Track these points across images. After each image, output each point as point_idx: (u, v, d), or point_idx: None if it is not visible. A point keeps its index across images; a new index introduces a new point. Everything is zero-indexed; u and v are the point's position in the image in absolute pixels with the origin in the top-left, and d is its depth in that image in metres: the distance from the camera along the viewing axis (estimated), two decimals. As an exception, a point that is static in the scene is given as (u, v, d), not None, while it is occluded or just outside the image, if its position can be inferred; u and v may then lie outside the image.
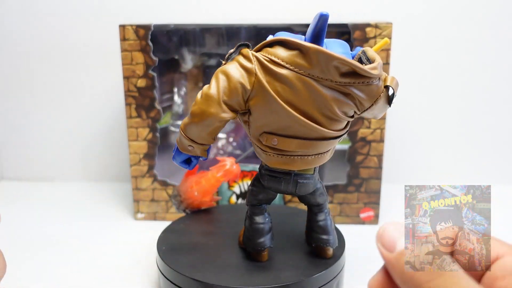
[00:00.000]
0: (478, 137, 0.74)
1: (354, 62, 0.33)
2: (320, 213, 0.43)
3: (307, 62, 0.34)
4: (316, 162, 0.39)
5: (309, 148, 0.37)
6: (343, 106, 0.35)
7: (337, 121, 0.36)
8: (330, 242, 0.43)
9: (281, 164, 0.38)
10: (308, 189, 0.41)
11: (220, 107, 0.36)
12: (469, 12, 0.69)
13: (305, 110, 0.35)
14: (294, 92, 0.34)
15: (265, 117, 0.36)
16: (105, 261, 0.53)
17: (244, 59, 0.35)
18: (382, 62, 0.35)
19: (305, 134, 0.36)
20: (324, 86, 0.34)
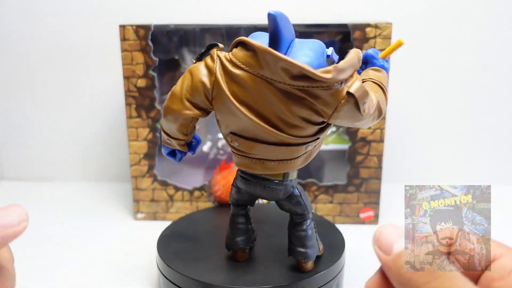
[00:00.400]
0: (478, 137, 0.74)
1: (301, 65, 0.31)
2: (300, 223, 0.41)
3: (258, 63, 0.33)
4: (279, 169, 0.37)
5: (268, 153, 0.36)
6: (300, 111, 0.33)
7: (297, 127, 0.34)
8: (305, 255, 0.41)
9: (245, 166, 0.38)
10: (276, 195, 0.39)
11: (182, 104, 0.36)
12: (469, 12, 0.69)
13: (263, 113, 0.34)
14: (250, 94, 0.34)
15: (225, 118, 0.36)
16: (105, 261, 0.53)
17: (209, 58, 0.36)
18: (346, 66, 0.32)
19: (264, 138, 0.35)
20: (278, 89, 0.33)
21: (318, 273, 0.41)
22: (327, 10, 0.69)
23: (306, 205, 0.40)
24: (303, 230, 0.41)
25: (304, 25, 0.57)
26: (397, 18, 0.65)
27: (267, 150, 0.36)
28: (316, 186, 0.61)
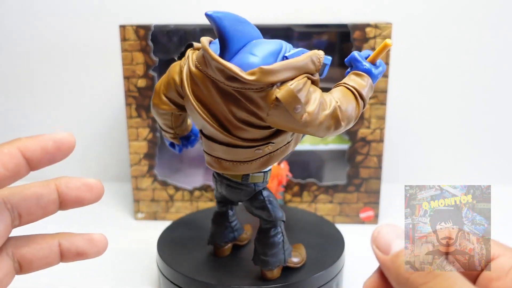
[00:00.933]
0: (478, 137, 0.74)
1: (228, 65, 0.31)
2: (266, 229, 0.40)
3: (204, 61, 0.33)
4: (234, 169, 0.37)
5: (221, 153, 0.36)
6: (238, 112, 0.33)
7: (241, 128, 0.34)
8: (265, 263, 0.40)
9: (208, 163, 0.39)
10: (237, 196, 0.39)
11: (159, 99, 0.38)
12: (469, 12, 0.69)
13: (214, 113, 0.34)
14: (203, 92, 0.34)
15: (190, 114, 0.37)
16: (105, 261, 0.53)
17: (184, 57, 0.36)
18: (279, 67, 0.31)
19: (217, 137, 0.35)
20: (220, 88, 0.33)
21: (318, 273, 0.41)
22: (327, 10, 0.69)
23: (272, 212, 0.39)
24: (268, 237, 0.39)
25: (304, 25, 0.57)
26: (397, 18, 0.65)
27: (220, 150, 0.36)
28: (316, 186, 0.61)
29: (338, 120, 0.33)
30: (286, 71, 0.31)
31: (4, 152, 0.23)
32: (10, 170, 0.24)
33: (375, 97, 0.57)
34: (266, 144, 0.35)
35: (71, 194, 0.29)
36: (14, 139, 0.25)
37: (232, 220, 0.44)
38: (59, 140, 0.25)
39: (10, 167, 0.24)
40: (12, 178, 0.24)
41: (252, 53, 0.32)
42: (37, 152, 0.24)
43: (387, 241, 0.25)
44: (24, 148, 0.24)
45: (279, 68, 0.30)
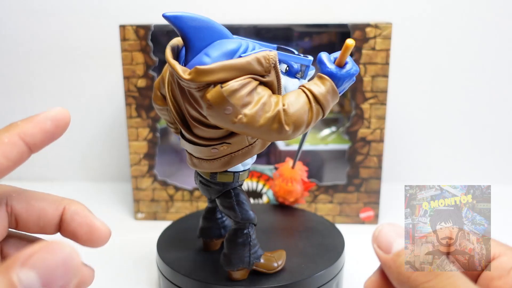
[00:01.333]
0: (478, 137, 0.74)
1: (172, 63, 0.31)
2: (235, 229, 0.40)
3: None
4: (201, 166, 0.37)
5: (188, 148, 0.37)
6: (190, 110, 0.33)
7: (196, 126, 0.34)
8: (225, 262, 0.40)
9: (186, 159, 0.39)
10: (208, 193, 0.40)
11: (155, 95, 0.40)
12: (469, 12, 0.69)
13: (181, 109, 0.35)
14: (175, 90, 0.35)
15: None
16: (105, 261, 0.53)
17: None
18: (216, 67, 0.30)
19: (183, 134, 0.37)
20: (179, 85, 0.33)
21: (318, 273, 0.41)
22: (327, 10, 0.69)
23: (239, 213, 0.38)
24: (235, 238, 0.39)
25: (304, 25, 0.57)
26: (397, 18, 0.65)
27: (187, 147, 0.37)
28: (316, 186, 0.61)
29: (281, 124, 0.31)
30: (224, 72, 0.30)
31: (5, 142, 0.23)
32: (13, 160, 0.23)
33: (375, 97, 0.57)
34: (221, 144, 0.34)
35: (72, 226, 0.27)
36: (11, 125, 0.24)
37: (219, 216, 0.45)
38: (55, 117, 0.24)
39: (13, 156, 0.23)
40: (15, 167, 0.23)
41: (206, 54, 0.32)
42: (37, 135, 0.24)
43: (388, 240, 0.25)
44: (24, 134, 0.23)
45: (215, 68, 0.30)
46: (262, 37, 0.59)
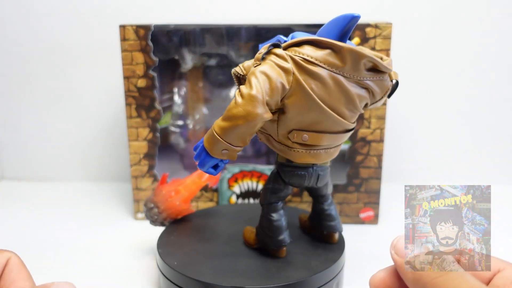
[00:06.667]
0: (478, 137, 0.74)
1: (379, 60, 0.36)
2: (327, 202, 0.46)
3: (340, 60, 0.36)
4: (335, 153, 0.42)
5: (334, 141, 0.40)
6: (362, 100, 0.38)
7: (356, 113, 0.40)
8: (337, 227, 0.46)
9: (308, 158, 0.40)
10: (325, 180, 0.44)
11: (264, 108, 0.35)
12: (470, 12, 0.69)
13: (334, 105, 0.37)
14: (326, 89, 0.36)
15: (300, 114, 0.38)
16: (105, 261, 0.53)
17: (278, 58, 0.36)
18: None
19: (332, 128, 0.39)
20: (350, 83, 0.37)
21: (318, 273, 0.41)
22: (327, 10, 0.69)
23: (332, 184, 0.46)
24: (330, 209, 0.46)
25: (304, 25, 0.57)
26: (397, 18, 0.65)
27: (332, 139, 0.40)
28: (316, 186, 0.61)
29: None
30: None
31: None
32: None
33: (375, 97, 0.57)
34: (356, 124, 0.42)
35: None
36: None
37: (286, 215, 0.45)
38: None
39: None
40: None
41: None
42: None
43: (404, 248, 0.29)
44: None
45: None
46: (262, 37, 0.59)
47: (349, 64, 0.36)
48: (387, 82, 0.39)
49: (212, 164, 0.39)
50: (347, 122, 0.39)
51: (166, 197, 0.50)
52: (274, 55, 0.36)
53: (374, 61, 0.36)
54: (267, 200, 0.43)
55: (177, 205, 0.51)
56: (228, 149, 0.37)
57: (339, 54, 0.36)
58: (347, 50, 0.35)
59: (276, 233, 0.43)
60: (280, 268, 0.42)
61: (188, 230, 0.49)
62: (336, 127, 0.39)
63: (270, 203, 0.43)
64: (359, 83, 0.37)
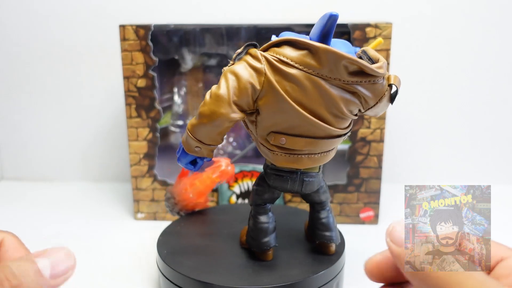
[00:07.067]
0: (478, 137, 0.74)
1: (362, 62, 0.34)
2: (323, 210, 0.44)
3: (316, 61, 0.34)
4: (322, 160, 0.39)
5: (316, 146, 0.38)
6: (349, 104, 0.36)
7: (344, 119, 0.37)
8: (333, 238, 0.44)
9: (288, 163, 0.39)
10: (313, 187, 0.41)
11: (230, 108, 0.36)
12: (470, 12, 0.69)
13: (314, 109, 0.35)
14: (303, 91, 0.35)
15: (274, 116, 0.36)
16: (105, 261, 0.53)
17: (252, 59, 0.35)
18: (386, 62, 0.36)
19: (313, 133, 0.37)
20: (332, 85, 0.35)
21: (318, 273, 0.41)
22: (327, 10, 0.69)
23: (328, 193, 0.44)
24: (327, 217, 0.44)
25: (304, 25, 0.57)
26: (397, 18, 0.65)
27: (314, 144, 0.37)
28: (316, 186, 0.61)
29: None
30: None
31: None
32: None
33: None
34: (349, 131, 0.39)
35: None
36: None
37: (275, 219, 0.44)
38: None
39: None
40: None
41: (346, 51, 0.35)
42: None
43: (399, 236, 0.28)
44: None
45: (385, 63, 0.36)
46: (262, 37, 0.59)
47: (327, 66, 0.34)
48: (380, 86, 0.36)
49: (187, 160, 0.40)
50: (331, 127, 0.36)
51: (181, 189, 0.52)
52: (249, 55, 0.36)
53: (356, 63, 0.34)
54: (253, 202, 0.43)
55: (190, 198, 0.52)
56: (200, 146, 0.38)
57: (316, 55, 0.34)
58: (323, 50, 0.33)
59: (260, 235, 0.42)
60: (280, 268, 0.42)
61: (188, 230, 0.49)
62: (317, 132, 0.37)
63: (256, 205, 0.43)
64: (344, 86, 0.35)
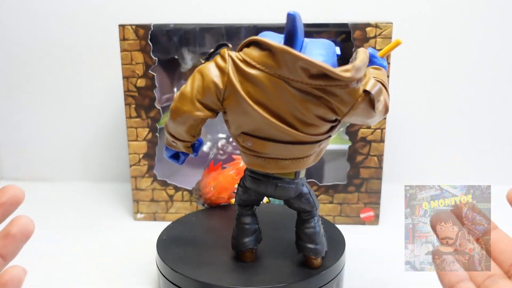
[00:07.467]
0: (478, 137, 0.74)
1: (321, 64, 0.31)
2: (308, 220, 0.41)
3: (276, 62, 0.33)
4: (293, 167, 0.37)
5: (283, 152, 0.36)
6: (316, 109, 0.34)
7: (313, 125, 0.35)
8: (315, 251, 0.41)
9: (257, 165, 0.38)
10: (288, 194, 0.40)
11: (193, 105, 0.36)
12: (470, 12, 0.69)
13: (278, 112, 0.34)
14: (265, 93, 0.34)
15: (238, 118, 0.36)
16: (105, 261, 0.53)
17: (220, 58, 0.35)
18: (361, 65, 0.32)
19: (279, 137, 0.35)
20: (295, 88, 0.33)
21: (318, 273, 0.41)
22: (327, 10, 0.69)
23: (314, 202, 0.41)
24: (312, 227, 0.41)
25: (304, 24, 0.57)
26: (397, 18, 0.65)
27: (281, 149, 0.36)
28: (316, 186, 0.61)
29: (387, 108, 0.35)
30: (364, 68, 0.33)
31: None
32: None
33: (375, 97, 0.57)
34: (328, 138, 0.37)
35: None
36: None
37: (258, 222, 0.44)
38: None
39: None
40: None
41: (319, 53, 0.34)
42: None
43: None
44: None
45: (361, 65, 0.32)
46: (262, 37, 0.59)
47: (285, 67, 0.32)
48: (351, 91, 0.32)
49: (169, 154, 0.41)
50: (298, 133, 0.35)
51: (205, 183, 0.53)
52: (219, 55, 0.36)
53: (314, 66, 0.31)
54: (236, 201, 0.43)
55: (211, 191, 0.53)
56: (175, 141, 0.39)
57: (275, 55, 0.32)
58: (280, 51, 0.32)
59: (239, 235, 0.42)
60: (280, 268, 0.42)
61: (188, 230, 0.49)
62: (283, 136, 0.35)
63: (238, 205, 0.43)
64: (309, 90, 0.33)
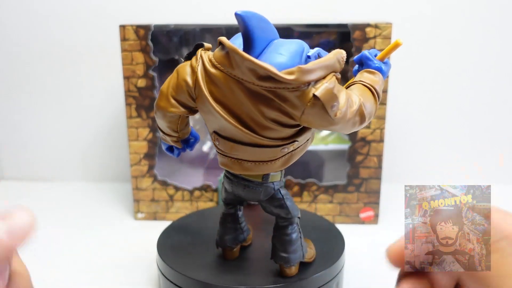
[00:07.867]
0: (478, 137, 0.74)
1: (264, 65, 0.31)
2: (284, 227, 0.40)
3: (230, 62, 0.33)
4: (256, 170, 0.37)
5: (244, 153, 0.36)
6: (269, 112, 0.33)
7: (269, 128, 0.34)
8: (286, 260, 0.40)
9: (225, 165, 0.38)
10: (256, 196, 0.39)
11: (168, 102, 0.37)
12: (470, 12, 0.69)
13: (237, 113, 0.34)
14: (225, 93, 0.34)
15: (205, 116, 0.37)
16: (105, 261, 0.53)
17: (194, 58, 0.36)
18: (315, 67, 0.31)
19: (240, 139, 0.35)
20: (248, 89, 0.32)
21: (318, 273, 0.41)
22: (327, 10, 0.69)
23: (290, 209, 0.39)
24: (286, 234, 0.40)
25: (304, 25, 0.57)
26: (397, 18, 0.65)
27: (243, 151, 0.36)
28: (316, 186, 0.61)
29: (363, 116, 0.34)
30: (320, 70, 0.31)
31: None
32: None
33: (375, 97, 0.57)
34: (292, 143, 0.35)
35: None
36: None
37: (242, 221, 0.44)
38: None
39: None
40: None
41: (279, 53, 0.32)
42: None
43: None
44: None
45: (314, 67, 0.31)
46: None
47: (236, 67, 0.32)
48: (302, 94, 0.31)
49: (165, 147, 0.43)
50: (254, 135, 0.34)
51: None
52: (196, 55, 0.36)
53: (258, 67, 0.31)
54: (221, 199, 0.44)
55: None
56: (164, 135, 0.40)
57: (229, 55, 0.32)
58: (230, 51, 0.32)
59: (221, 232, 0.43)
60: (280, 267, 0.42)
61: (188, 230, 0.49)
62: (242, 137, 0.35)
63: (223, 202, 0.43)
64: (261, 92, 0.32)
